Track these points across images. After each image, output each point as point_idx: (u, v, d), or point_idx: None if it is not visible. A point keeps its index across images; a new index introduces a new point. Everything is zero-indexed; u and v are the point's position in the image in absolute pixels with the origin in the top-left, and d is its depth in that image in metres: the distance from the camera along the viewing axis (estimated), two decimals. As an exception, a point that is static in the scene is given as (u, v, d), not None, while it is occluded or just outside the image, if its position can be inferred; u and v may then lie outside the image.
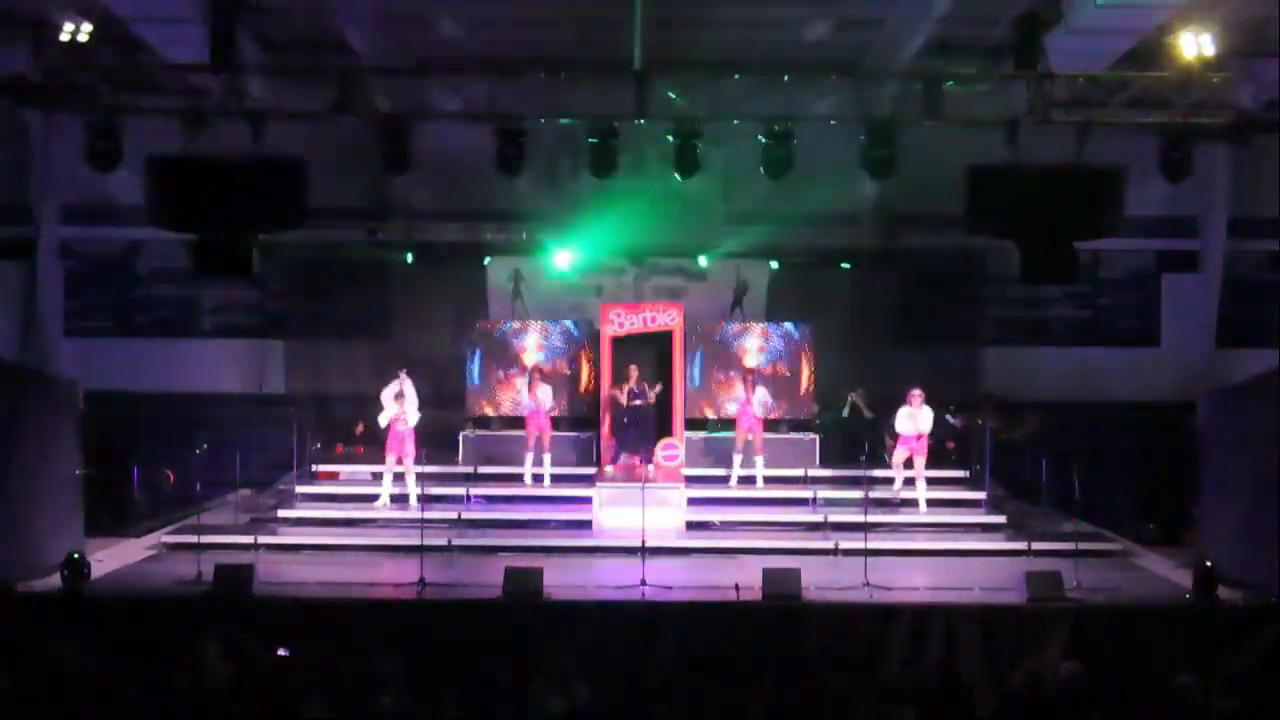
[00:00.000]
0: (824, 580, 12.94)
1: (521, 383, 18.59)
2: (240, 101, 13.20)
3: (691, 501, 16.12)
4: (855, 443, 17.68)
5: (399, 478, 16.42)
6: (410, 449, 16.31)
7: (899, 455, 16.37)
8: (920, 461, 16.24)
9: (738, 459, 17.16)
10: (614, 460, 17.17)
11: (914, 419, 16.22)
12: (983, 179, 12.67)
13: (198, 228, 12.93)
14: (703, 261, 20.00)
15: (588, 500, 16.24)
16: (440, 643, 11.51)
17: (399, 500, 16.39)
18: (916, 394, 16.31)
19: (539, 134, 14.65)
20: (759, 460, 17.19)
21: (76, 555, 12.50)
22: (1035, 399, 19.33)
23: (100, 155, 13.43)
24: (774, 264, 19.62)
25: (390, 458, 16.37)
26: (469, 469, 17.57)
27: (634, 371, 17.26)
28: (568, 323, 19.13)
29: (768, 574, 12.48)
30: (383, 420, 16.38)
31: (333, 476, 17.88)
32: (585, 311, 19.83)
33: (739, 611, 12.17)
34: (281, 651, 10.65)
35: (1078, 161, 12.97)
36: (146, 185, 12.71)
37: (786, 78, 13.67)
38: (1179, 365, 20.18)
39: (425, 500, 15.87)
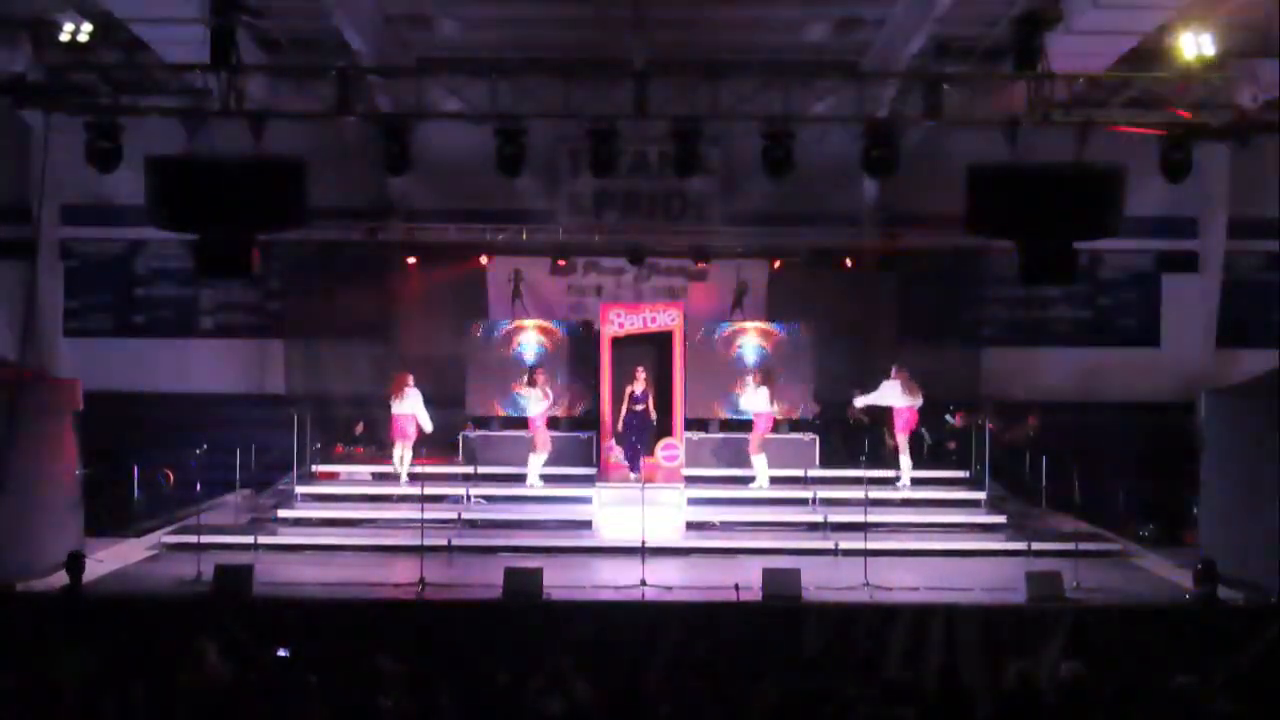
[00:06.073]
0: (824, 580, 12.94)
1: (521, 383, 18.58)
2: (240, 101, 13.19)
3: (691, 502, 16.11)
4: (855, 442, 17.69)
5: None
6: (411, 431, 16.93)
7: (901, 440, 16.50)
8: (904, 439, 16.43)
9: (760, 459, 17.19)
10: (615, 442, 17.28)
11: (902, 390, 16.41)
12: (983, 179, 12.64)
13: (198, 228, 12.93)
14: (702, 263, 20.01)
15: (588, 500, 16.23)
16: (440, 643, 11.49)
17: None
18: (900, 370, 16.52)
19: (539, 134, 14.65)
20: (763, 457, 17.17)
21: (76, 555, 12.48)
22: (1035, 399, 19.32)
23: (100, 155, 13.41)
24: (774, 264, 19.61)
25: (398, 443, 17.06)
26: (469, 469, 17.59)
27: (640, 373, 17.13)
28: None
29: (768, 574, 12.48)
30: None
31: (333, 476, 17.92)
32: (585, 312, 19.83)
33: (739, 611, 12.14)
34: (281, 651, 10.62)
35: (1078, 161, 12.95)
36: (146, 185, 12.70)
37: (786, 78, 13.65)
38: (1179, 365, 20.18)
39: (425, 500, 15.88)
